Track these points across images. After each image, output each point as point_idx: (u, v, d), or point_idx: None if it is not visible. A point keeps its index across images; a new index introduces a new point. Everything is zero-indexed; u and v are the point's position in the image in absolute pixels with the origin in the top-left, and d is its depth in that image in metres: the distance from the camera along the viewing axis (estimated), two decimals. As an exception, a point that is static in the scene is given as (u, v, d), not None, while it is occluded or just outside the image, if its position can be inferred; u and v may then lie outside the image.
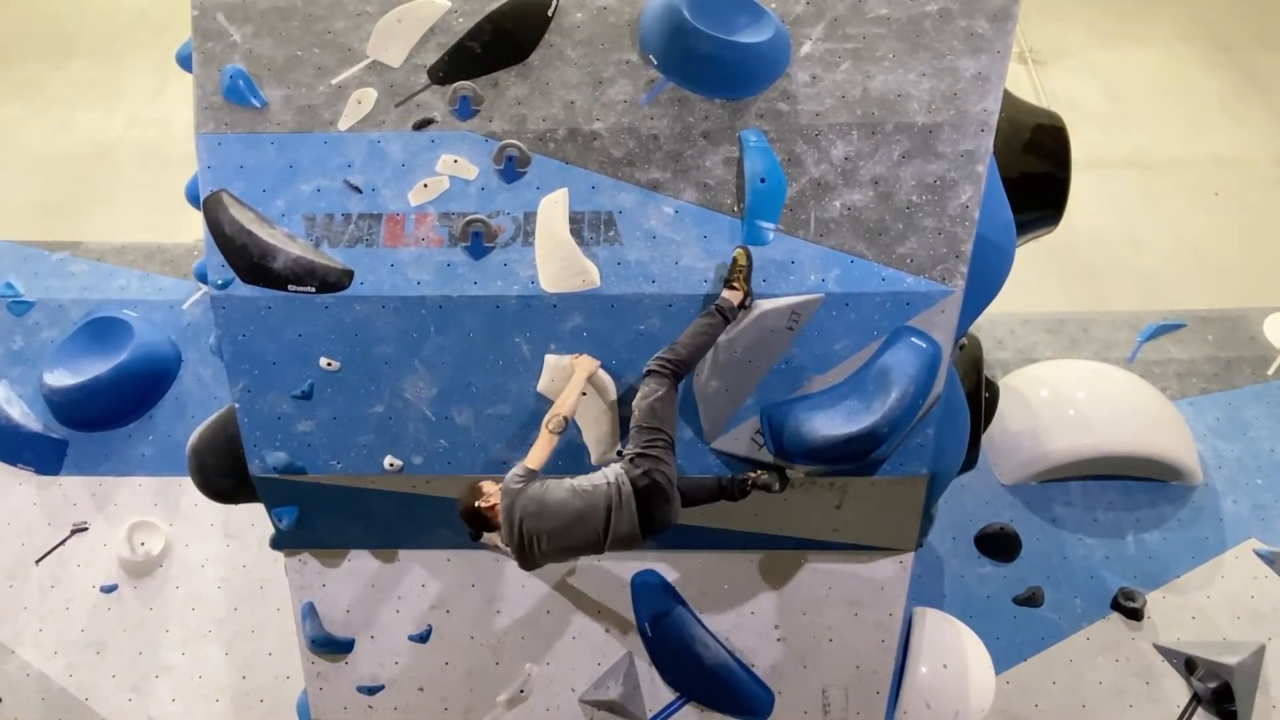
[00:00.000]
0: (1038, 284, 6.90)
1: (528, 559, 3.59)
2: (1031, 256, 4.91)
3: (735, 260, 3.76)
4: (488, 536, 4.13)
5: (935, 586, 5.14)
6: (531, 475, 3.55)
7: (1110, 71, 8.72)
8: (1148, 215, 7.79)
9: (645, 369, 3.62)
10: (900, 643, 4.35)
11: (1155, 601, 5.08)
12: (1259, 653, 4.92)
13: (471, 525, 3.62)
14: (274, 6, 4.24)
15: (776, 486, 3.84)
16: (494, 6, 4.15)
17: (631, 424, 3.59)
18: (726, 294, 3.72)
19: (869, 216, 3.87)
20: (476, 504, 3.57)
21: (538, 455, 3.58)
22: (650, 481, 3.47)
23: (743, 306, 3.76)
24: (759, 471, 3.86)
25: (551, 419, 3.60)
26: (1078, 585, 5.14)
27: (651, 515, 3.52)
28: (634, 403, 3.60)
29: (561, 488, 3.53)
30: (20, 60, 9.34)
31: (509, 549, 3.59)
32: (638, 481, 3.47)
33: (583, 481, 3.54)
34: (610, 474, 3.52)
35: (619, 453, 3.61)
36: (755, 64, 3.98)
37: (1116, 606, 5.08)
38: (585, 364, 3.78)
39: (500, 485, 3.56)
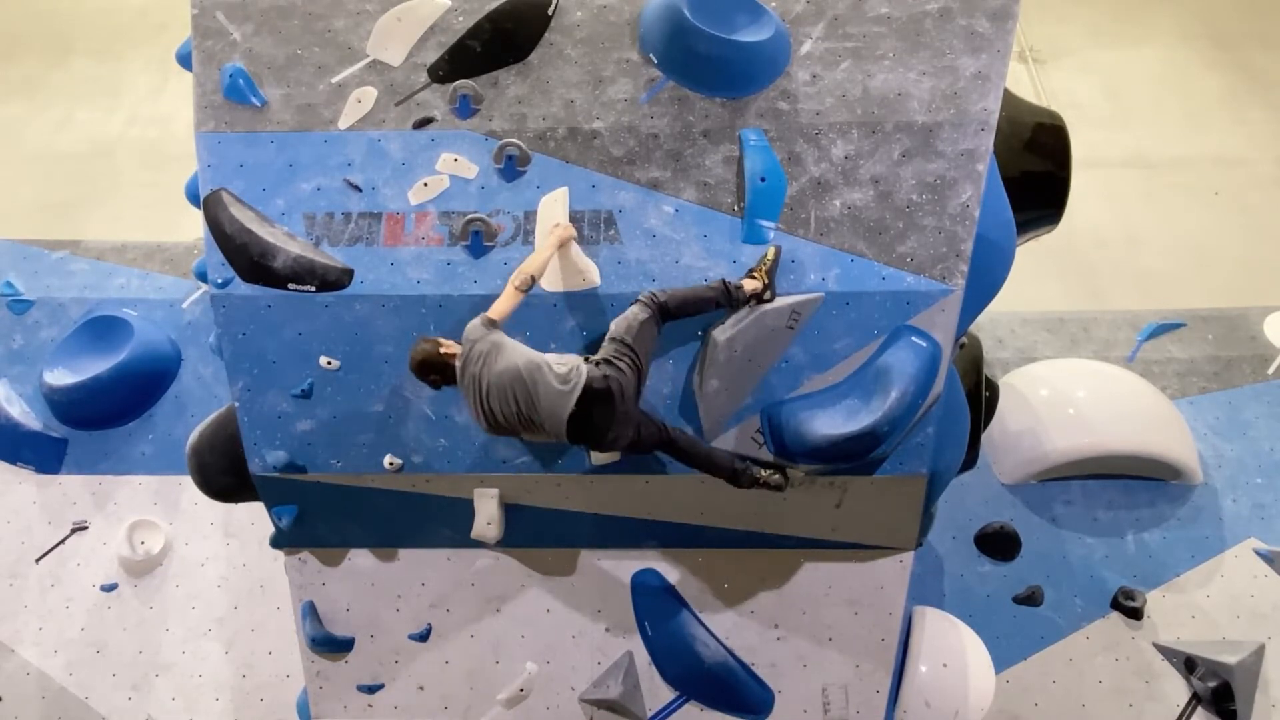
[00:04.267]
0: (1038, 283, 6.89)
1: (479, 412, 3.59)
2: (1032, 255, 4.91)
3: (765, 254, 3.79)
4: (479, 531, 4.14)
5: (935, 586, 5.14)
6: (492, 325, 3.55)
7: (1110, 71, 8.72)
8: (1148, 214, 7.79)
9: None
10: (900, 642, 4.35)
11: (1155, 601, 5.08)
12: (1259, 652, 4.92)
13: (429, 373, 3.59)
14: (274, 5, 4.24)
15: (784, 491, 3.86)
16: (494, 5, 4.15)
17: (606, 336, 3.59)
18: (744, 281, 3.75)
19: (869, 215, 3.87)
20: (440, 351, 3.57)
21: (501, 308, 3.58)
22: (605, 387, 3.44)
23: (759, 299, 3.76)
24: (771, 471, 3.86)
25: (519, 276, 3.60)
26: (1078, 584, 5.14)
27: (591, 416, 3.46)
28: (613, 321, 3.61)
29: (520, 354, 3.51)
30: (21, 59, 9.34)
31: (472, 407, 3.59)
32: (594, 381, 3.44)
33: (551, 361, 3.51)
34: (573, 365, 3.50)
35: (586, 358, 3.58)
36: (755, 63, 3.98)
37: (1116, 606, 5.08)
38: (561, 232, 3.78)
39: (470, 341, 3.54)
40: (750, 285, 3.75)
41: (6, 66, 9.28)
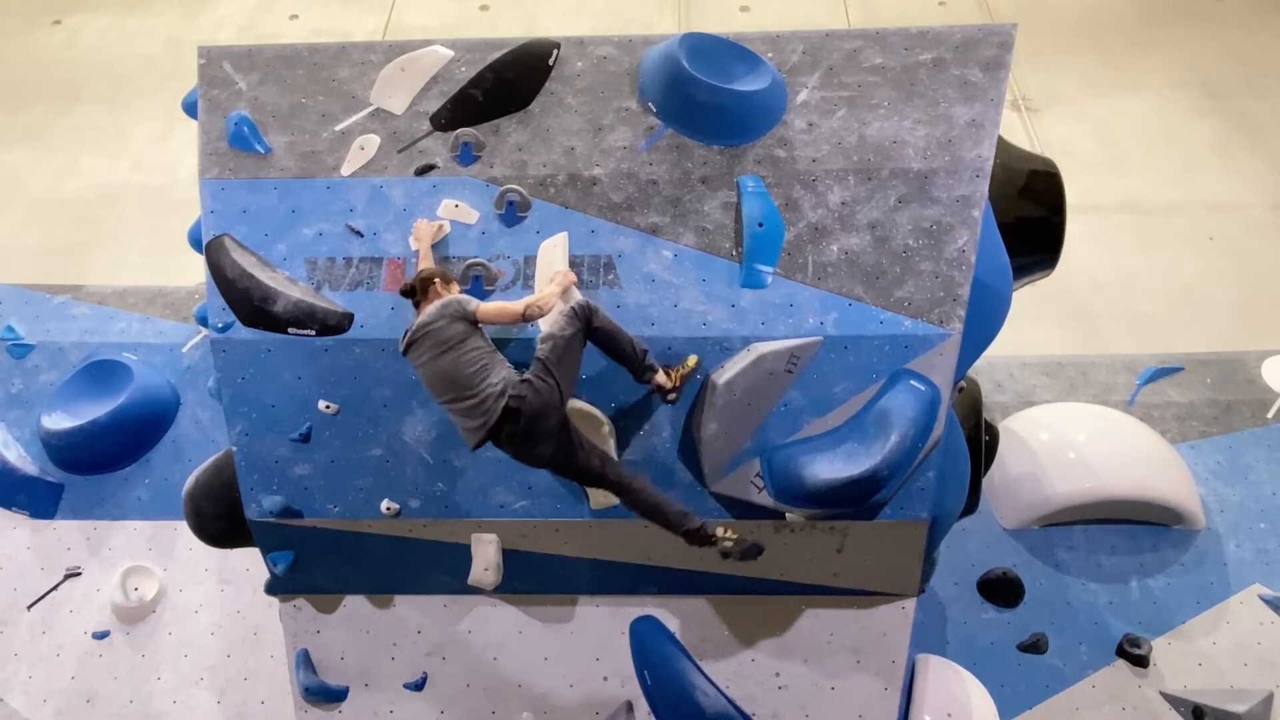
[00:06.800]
0: (1035, 327, 6.91)
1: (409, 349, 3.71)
2: (1029, 300, 4.92)
3: (686, 361, 3.82)
4: (476, 577, 4.10)
5: (938, 633, 5.06)
6: (473, 323, 3.59)
7: (1103, 118, 8.84)
8: (1143, 259, 7.84)
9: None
10: (903, 691, 4.29)
11: (1161, 648, 5.01)
12: (1267, 700, 4.84)
13: (418, 294, 3.73)
14: (279, 55, 4.32)
15: (735, 557, 3.81)
16: (496, 55, 4.23)
17: (536, 351, 3.61)
18: (661, 370, 3.78)
19: (866, 260, 3.90)
20: (437, 283, 3.69)
21: (491, 313, 3.61)
22: (516, 408, 3.50)
23: (664, 395, 3.83)
24: (728, 531, 3.80)
25: (530, 306, 3.61)
26: (1082, 631, 5.07)
27: (499, 430, 3.55)
28: (546, 332, 3.64)
29: (470, 352, 3.58)
30: (29, 106, 9.47)
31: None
32: (510, 401, 3.51)
33: (492, 370, 3.58)
34: (504, 381, 3.55)
35: (526, 367, 3.65)
36: (753, 111, 4.04)
37: (1122, 653, 5.00)
38: (562, 279, 3.80)
39: (442, 303, 3.60)
40: (660, 379, 3.77)
41: (14, 113, 9.41)
